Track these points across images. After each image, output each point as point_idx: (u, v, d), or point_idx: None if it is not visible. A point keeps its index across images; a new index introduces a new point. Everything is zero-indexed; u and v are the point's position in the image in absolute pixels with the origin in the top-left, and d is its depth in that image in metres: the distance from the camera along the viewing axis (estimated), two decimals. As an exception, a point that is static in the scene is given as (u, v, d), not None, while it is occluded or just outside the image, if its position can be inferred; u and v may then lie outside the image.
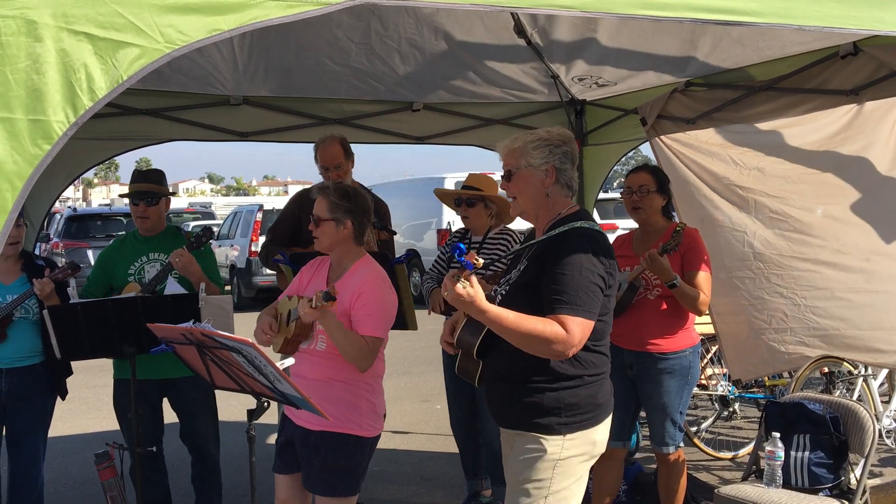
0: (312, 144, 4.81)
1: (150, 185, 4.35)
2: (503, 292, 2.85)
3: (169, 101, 5.21)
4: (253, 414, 3.02)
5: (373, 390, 3.42)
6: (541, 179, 2.83)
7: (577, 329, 2.61)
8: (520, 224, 4.01)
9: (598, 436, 2.83)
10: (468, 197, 4.70)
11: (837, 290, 4.57)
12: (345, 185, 3.66)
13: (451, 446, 5.54)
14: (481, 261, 2.45)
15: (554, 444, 2.73)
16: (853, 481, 4.07)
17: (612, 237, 4.73)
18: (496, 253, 4.54)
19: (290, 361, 3.07)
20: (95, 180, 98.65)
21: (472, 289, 2.50)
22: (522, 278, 2.81)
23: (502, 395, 2.87)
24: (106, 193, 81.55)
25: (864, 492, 4.01)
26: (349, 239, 3.44)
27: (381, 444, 3.48)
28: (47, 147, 2.00)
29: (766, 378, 6.15)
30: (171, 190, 4.60)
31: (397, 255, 4.69)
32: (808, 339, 4.69)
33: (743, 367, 5.03)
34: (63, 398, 4.26)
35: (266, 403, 2.99)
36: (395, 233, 4.85)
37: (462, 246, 2.47)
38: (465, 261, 2.45)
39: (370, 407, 3.39)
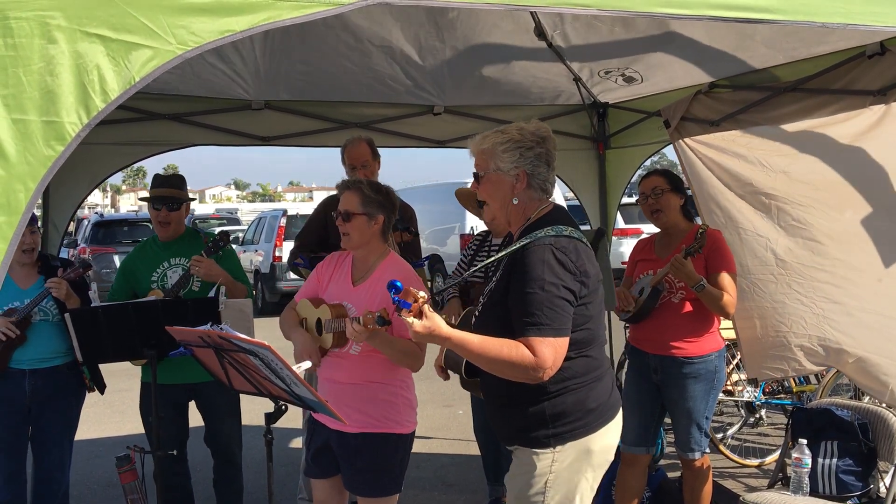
0: (335, 149, 4.85)
1: (171, 191, 4.35)
2: (478, 311, 2.69)
3: (191, 105, 5.25)
4: (270, 418, 3.01)
5: (407, 386, 3.42)
6: (510, 185, 2.63)
7: (548, 351, 2.43)
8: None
9: (595, 445, 2.64)
10: None
11: (850, 306, 4.46)
12: (375, 180, 3.62)
13: (472, 451, 5.52)
14: (424, 295, 2.31)
15: (544, 459, 2.61)
16: (882, 490, 4.00)
17: (634, 242, 4.74)
18: None
19: (306, 364, 3.05)
20: (124, 187, 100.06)
21: (426, 321, 2.33)
22: (492, 297, 2.65)
23: (494, 412, 2.79)
24: (134, 200, 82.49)
25: (894, 500, 3.93)
26: (378, 235, 3.37)
27: (402, 450, 3.47)
28: (60, 148, 2.01)
29: (794, 384, 6.06)
30: (196, 196, 4.63)
31: (419, 259, 4.69)
32: (823, 350, 4.60)
33: (759, 364, 4.93)
34: (102, 392, 4.33)
35: (284, 407, 2.98)
36: (416, 234, 4.83)
37: (399, 284, 2.32)
38: (399, 299, 2.30)
39: (406, 403, 3.39)
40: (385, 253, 3.42)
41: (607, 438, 2.69)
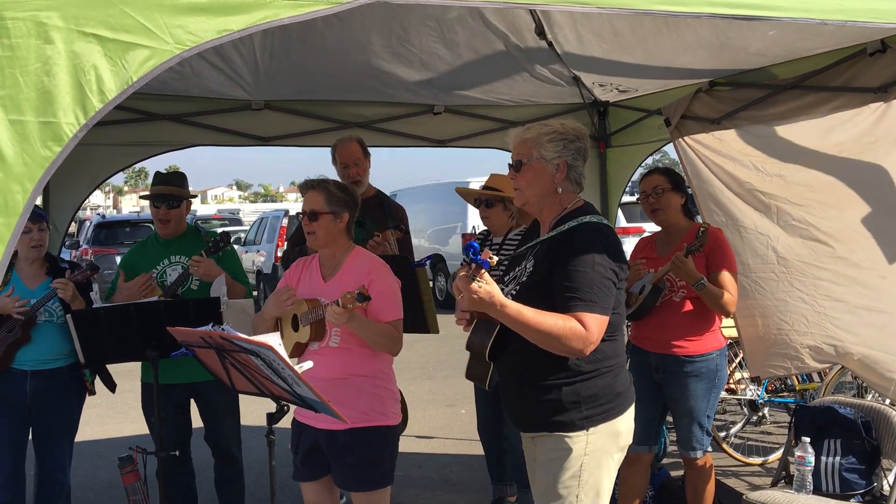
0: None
1: (171, 188, 4.35)
2: (513, 291, 2.79)
3: (190, 106, 5.25)
4: (273, 418, 3.00)
5: (389, 378, 3.46)
6: (551, 174, 2.78)
7: (595, 326, 2.58)
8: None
9: (622, 426, 2.77)
10: (487, 197, 4.67)
11: (853, 304, 4.47)
12: (338, 180, 3.69)
13: (475, 451, 5.51)
14: (496, 258, 2.41)
15: (578, 441, 2.69)
16: (886, 487, 3.99)
17: (635, 241, 4.74)
18: None
19: (308, 365, 3.05)
20: (126, 188, 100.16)
21: (488, 286, 2.44)
22: (533, 277, 2.76)
23: (518, 397, 2.83)
24: (136, 201, 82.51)
25: (897, 498, 3.92)
26: (344, 232, 3.43)
27: (405, 449, 3.49)
28: (57, 149, 2.00)
29: (797, 382, 6.05)
30: (196, 195, 4.63)
31: (419, 258, 4.70)
32: (826, 347, 4.60)
33: (762, 363, 4.93)
34: (113, 391, 4.31)
35: (286, 407, 2.98)
36: (407, 231, 4.85)
37: (476, 244, 2.41)
38: (481, 259, 2.40)
39: (390, 394, 3.43)
40: (350, 247, 3.49)
41: (630, 420, 2.82)
